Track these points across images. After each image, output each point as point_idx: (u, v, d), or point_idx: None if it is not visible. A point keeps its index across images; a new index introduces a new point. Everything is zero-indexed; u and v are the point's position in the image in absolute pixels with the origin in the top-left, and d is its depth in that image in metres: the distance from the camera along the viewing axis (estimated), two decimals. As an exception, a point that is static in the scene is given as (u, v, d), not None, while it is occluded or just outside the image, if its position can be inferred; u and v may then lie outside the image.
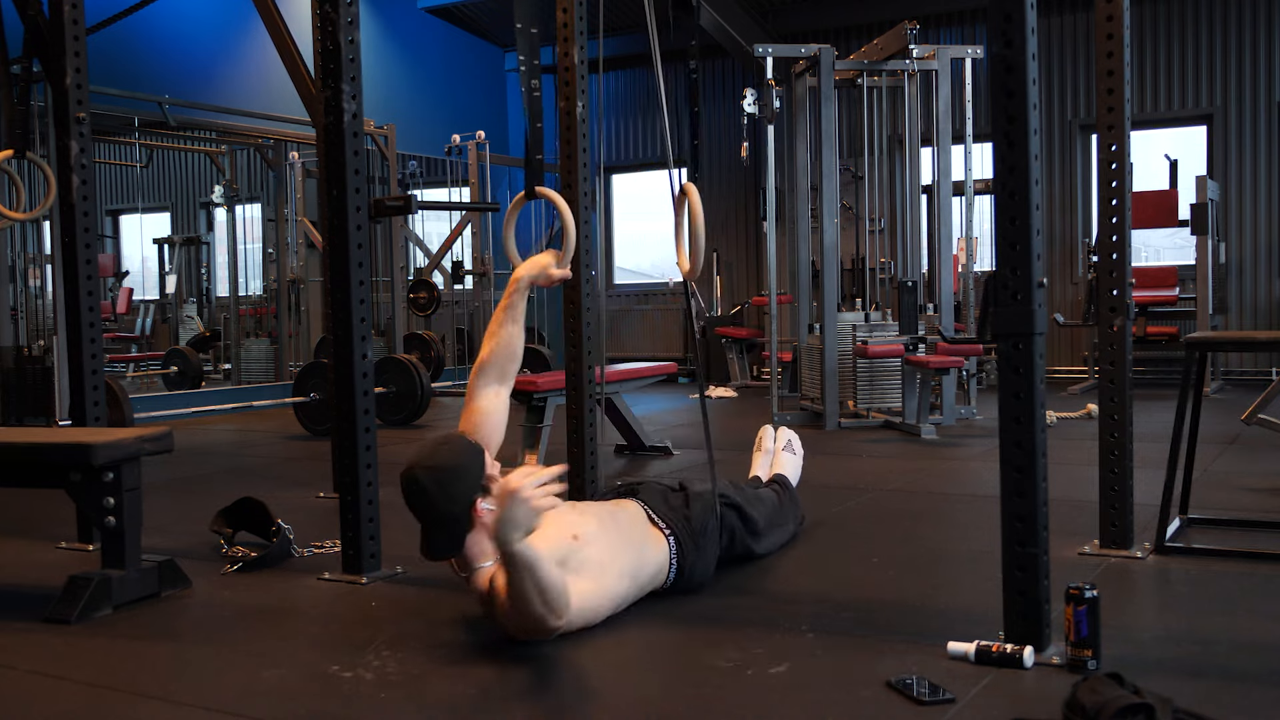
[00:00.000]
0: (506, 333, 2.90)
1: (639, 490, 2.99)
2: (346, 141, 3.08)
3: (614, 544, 2.66)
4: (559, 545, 2.50)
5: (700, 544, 2.90)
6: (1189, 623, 2.61)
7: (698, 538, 2.90)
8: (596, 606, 2.55)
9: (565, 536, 2.54)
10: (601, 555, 2.59)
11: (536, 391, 4.97)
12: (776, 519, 3.34)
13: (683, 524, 2.89)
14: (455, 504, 2.47)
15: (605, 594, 2.58)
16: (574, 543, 2.54)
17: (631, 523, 2.80)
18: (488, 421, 2.84)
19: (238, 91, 9.27)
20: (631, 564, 2.69)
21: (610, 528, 2.70)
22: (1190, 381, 3.28)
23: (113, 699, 2.25)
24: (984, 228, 9.11)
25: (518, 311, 2.92)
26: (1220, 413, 6.38)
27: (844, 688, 2.18)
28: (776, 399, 6.86)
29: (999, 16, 2.27)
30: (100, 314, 3.79)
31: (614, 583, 2.61)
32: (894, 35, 6.73)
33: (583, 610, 2.49)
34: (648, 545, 2.79)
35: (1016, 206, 2.26)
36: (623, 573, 2.65)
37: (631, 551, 2.71)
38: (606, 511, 2.79)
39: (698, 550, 2.89)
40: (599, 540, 2.61)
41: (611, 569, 2.61)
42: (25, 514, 4.29)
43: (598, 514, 2.74)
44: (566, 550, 2.51)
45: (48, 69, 3.75)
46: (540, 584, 2.29)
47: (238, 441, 6.83)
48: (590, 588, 2.52)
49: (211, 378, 10.16)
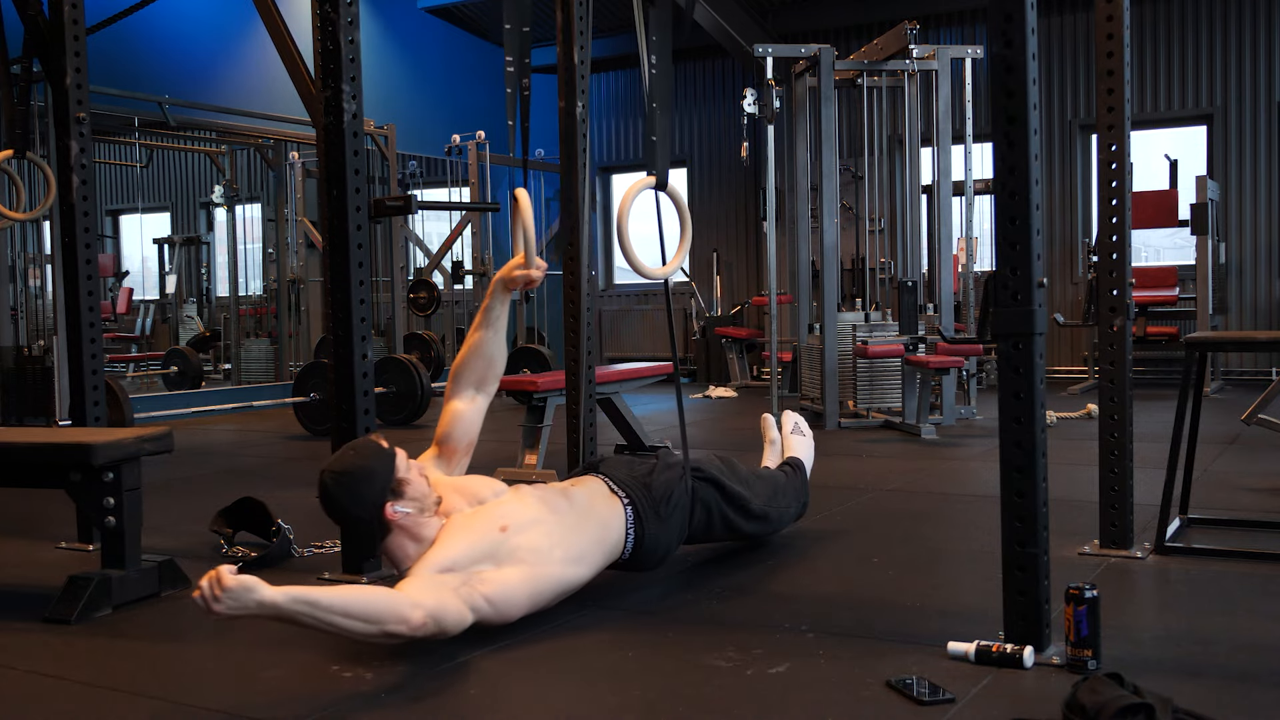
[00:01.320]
0: (480, 337, 2.89)
1: (602, 463, 2.99)
2: (346, 141, 3.08)
3: (558, 528, 2.64)
4: (484, 538, 2.52)
5: (662, 513, 2.88)
6: (1189, 623, 2.60)
7: (659, 506, 2.87)
8: (534, 591, 2.55)
9: (493, 530, 2.54)
10: (538, 541, 2.58)
11: (536, 391, 4.96)
12: (777, 500, 3.31)
13: (642, 492, 2.87)
14: (361, 508, 2.51)
15: (543, 579, 2.57)
16: (500, 534, 2.54)
17: (590, 499, 2.79)
18: (459, 425, 2.86)
19: (238, 91, 9.27)
20: (581, 546, 2.69)
21: (558, 510, 2.68)
22: (1190, 381, 3.28)
23: (113, 699, 2.25)
24: (984, 228, 9.11)
25: (492, 315, 2.88)
26: (1220, 413, 6.38)
27: (844, 688, 2.18)
28: (776, 399, 6.86)
29: (999, 16, 2.27)
30: (100, 314, 3.79)
31: (556, 569, 2.61)
32: (894, 35, 6.73)
33: (511, 599, 2.50)
34: (607, 519, 2.78)
35: (1016, 206, 2.26)
36: (569, 558, 2.64)
37: (582, 533, 2.70)
38: (558, 493, 2.77)
39: (659, 520, 2.87)
40: (536, 527, 2.60)
41: (553, 554, 2.60)
42: (25, 514, 4.29)
43: (544, 498, 2.72)
44: (493, 543, 2.52)
45: (48, 69, 3.75)
46: (331, 619, 2.21)
47: (238, 441, 6.83)
48: (519, 575, 2.52)
49: (211, 378, 10.17)
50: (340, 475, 2.51)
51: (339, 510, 2.56)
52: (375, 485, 2.51)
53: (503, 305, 2.90)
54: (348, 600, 2.25)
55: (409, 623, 2.28)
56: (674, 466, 3.00)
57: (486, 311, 2.89)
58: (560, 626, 2.64)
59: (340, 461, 2.54)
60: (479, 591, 2.45)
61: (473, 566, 2.49)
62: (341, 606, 2.22)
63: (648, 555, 2.88)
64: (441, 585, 2.40)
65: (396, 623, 2.27)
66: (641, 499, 2.86)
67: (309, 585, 2.25)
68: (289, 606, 2.16)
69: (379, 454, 2.55)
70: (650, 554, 2.89)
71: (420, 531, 2.57)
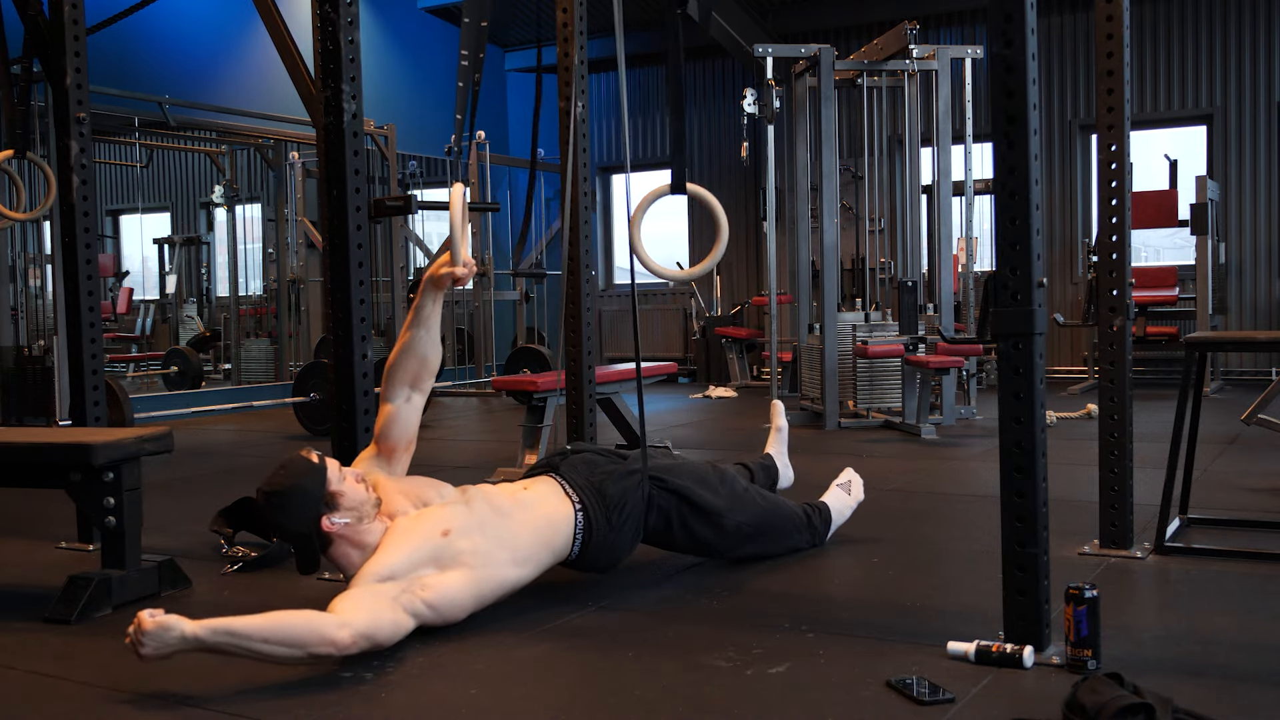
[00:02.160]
0: (411, 336, 2.85)
1: (563, 462, 2.98)
2: (346, 141, 3.08)
3: (504, 530, 2.68)
4: (426, 543, 2.56)
5: (614, 521, 2.88)
6: (1189, 623, 2.61)
7: (611, 514, 2.88)
8: (478, 594, 2.60)
9: (435, 534, 2.58)
10: (482, 545, 2.62)
11: (536, 391, 4.96)
12: (771, 523, 3.21)
13: (595, 498, 2.87)
14: (296, 524, 2.57)
15: (486, 582, 2.61)
16: (443, 539, 2.57)
17: (539, 501, 2.81)
18: (395, 425, 2.85)
19: (238, 91, 9.27)
20: (527, 549, 2.72)
21: (504, 513, 2.71)
22: (1190, 381, 3.28)
23: (113, 699, 2.25)
24: (984, 228, 9.11)
25: (423, 314, 2.83)
26: (1220, 413, 6.38)
27: (844, 688, 2.18)
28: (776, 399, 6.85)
29: (999, 16, 2.27)
30: (100, 314, 3.79)
31: (500, 571, 2.64)
32: (894, 35, 6.73)
33: (454, 602, 2.55)
34: (555, 522, 2.80)
35: (1016, 206, 2.26)
36: (515, 560, 2.68)
37: (527, 535, 2.73)
38: (507, 495, 2.80)
39: (610, 527, 2.87)
40: (481, 530, 2.64)
41: (497, 556, 2.64)
42: (25, 514, 4.29)
43: (491, 500, 2.74)
44: (435, 548, 2.56)
45: (48, 69, 3.75)
46: (253, 647, 2.26)
47: (238, 441, 6.83)
48: (462, 579, 2.56)
49: (211, 378, 10.17)
50: (272, 495, 2.57)
51: (277, 528, 2.63)
52: (309, 500, 2.56)
53: (434, 303, 2.84)
54: (269, 627, 2.27)
55: (336, 644, 2.31)
56: (636, 473, 2.97)
57: (417, 310, 2.85)
58: (560, 626, 2.64)
59: (273, 481, 2.59)
60: (420, 597, 2.49)
61: (414, 572, 2.52)
62: (262, 633, 2.26)
63: (594, 558, 2.90)
64: (379, 596, 2.44)
65: (321, 645, 2.30)
66: (594, 504, 2.87)
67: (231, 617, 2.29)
68: (210, 639, 2.23)
69: (309, 470, 2.59)
70: (597, 558, 2.90)
71: (362, 539, 2.61)
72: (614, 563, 3.00)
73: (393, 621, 2.42)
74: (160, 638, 2.19)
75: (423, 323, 2.84)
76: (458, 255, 2.77)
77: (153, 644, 2.19)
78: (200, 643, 2.22)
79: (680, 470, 3.09)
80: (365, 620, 2.36)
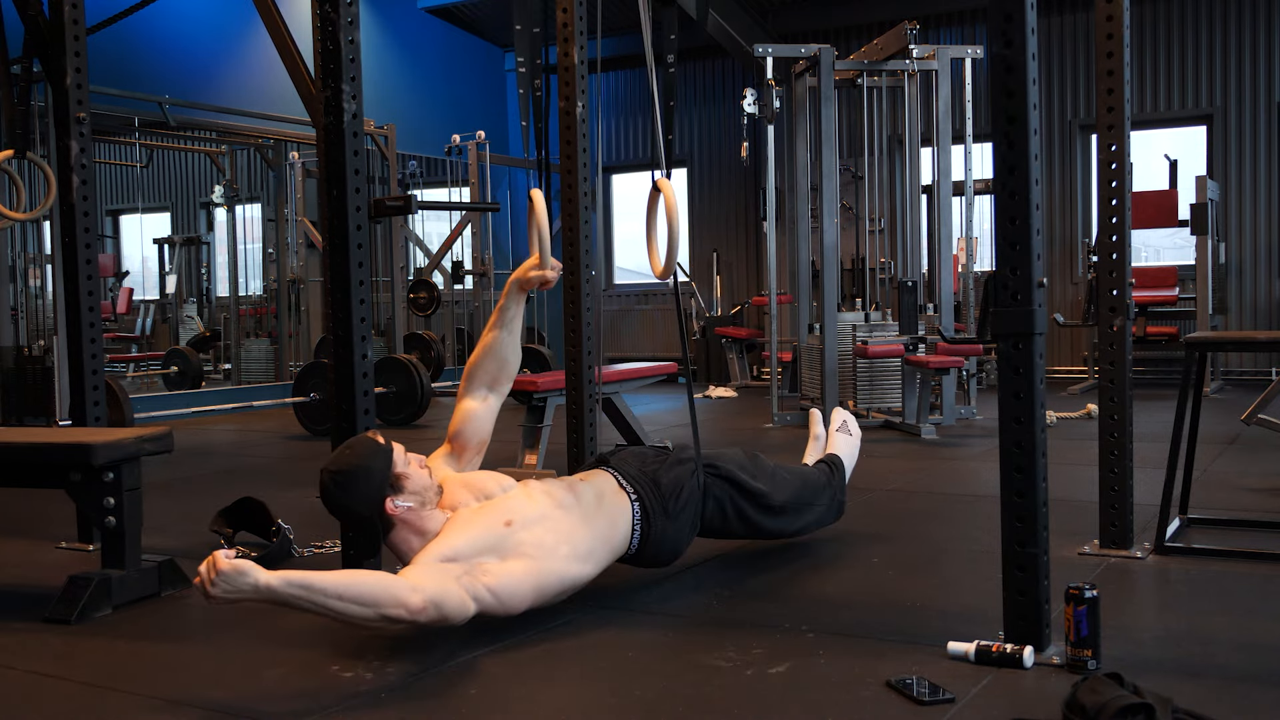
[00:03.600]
0: (493, 337, 2.93)
1: (614, 456, 2.99)
2: (346, 141, 3.07)
3: (564, 524, 2.65)
4: (489, 533, 2.54)
5: (670, 510, 2.86)
6: (1189, 623, 2.60)
7: (667, 503, 2.86)
8: (538, 586, 2.55)
9: (497, 524, 2.56)
10: (543, 538, 2.59)
11: (536, 391, 4.96)
12: (804, 496, 3.24)
13: (650, 488, 2.86)
14: (360, 505, 2.56)
15: (547, 574, 2.57)
16: (505, 529, 2.55)
17: (597, 495, 2.78)
18: (470, 423, 2.90)
19: (238, 91, 9.27)
20: (588, 543, 2.68)
21: (565, 506, 2.68)
22: (1190, 381, 3.28)
23: (113, 699, 2.25)
24: (984, 228, 9.11)
25: (506, 316, 2.93)
26: (1220, 413, 6.38)
27: (844, 688, 2.18)
28: (776, 399, 6.86)
29: (999, 16, 2.27)
30: (100, 314, 3.79)
31: (560, 564, 2.60)
32: (894, 35, 6.73)
33: (515, 590, 2.50)
34: (614, 516, 2.77)
35: (1016, 206, 2.26)
36: (576, 555, 2.64)
37: (588, 529, 2.70)
38: (565, 488, 2.77)
39: (667, 517, 2.85)
40: (542, 523, 2.61)
41: (558, 550, 2.61)
42: (25, 514, 4.29)
43: (551, 494, 2.71)
44: (497, 537, 2.54)
45: (48, 69, 3.74)
46: (327, 603, 2.22)
47: (238, 441, 6.83)
48: (523, 569, 2.52)
49: (211, 378, 10.16)
50: (338, 474, 2.54)
51: (341, 509, 2.60)
52: (374, 482, 2.54)
53: (517, 306, 2.94)
54: (344, 583, 2.24)
55: (408, 606, 2.28)
56: (686, 462, 2.97)
57: (501, 312, 2.93)
58: (560, 626, 2.64)
59: (338, 460, 2.56)
60: (482, 582, 2.45)
61: (476, 558, 2.49)
62: (336, 590, 2.22)
63: (655, 551, 2.87)
64: (445, 573, 2.41)
65: (395, 606, 2.27)
66: (650, 495, 2.85)
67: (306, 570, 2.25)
68: (284, 590, 2.17)
69: (376, 451, 2.57)
70: (658, 550, 2.87)
71: (424, 525, 2.59)
72: (675, 554, 2.94)
73: (459, 599, 2.39)
74: (234, 581, 2.12)
75: (505, 325, 2.91)
76: (546, 258, 2.87)
77: (225, 586, 2.11)
78: (273, 593, 2.16)
79: (726, 457, 3.10)
80: (435, 589, 2.34)
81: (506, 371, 2.96)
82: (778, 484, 3.17)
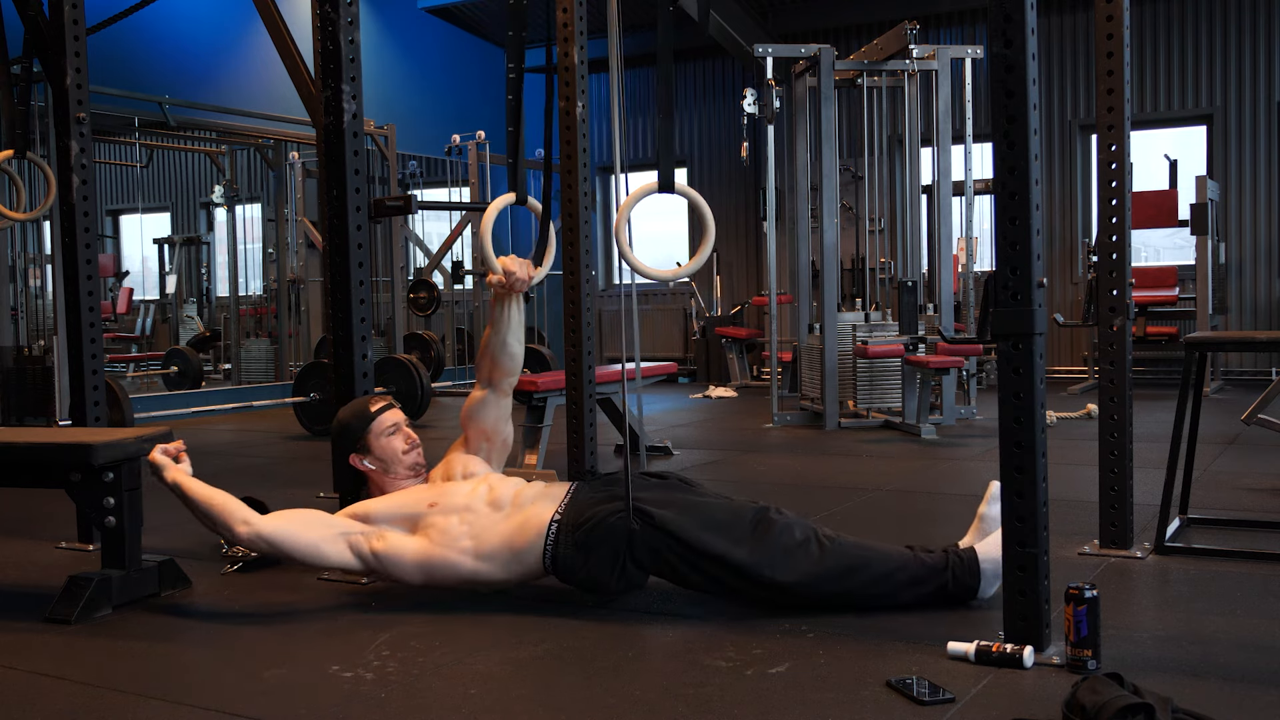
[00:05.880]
0: (484, 336, 3.12)
1: (598, 478, 3.05)
2: (346, 141, 3.08)
3: (481, 521, 2.79)
4: (407, 507, 2.84)
5: (580, 541, 2.71)
6: (1189, 623, 2.60)
7: (577, 533, 2.71)
8: (426, 567, 2.77)
9: (422, 503, 2.84)
10: (453, 527, 2.78)
11: (536, 391, 4.96)
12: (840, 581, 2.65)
13: (574, 515, 2.74)
14: (336, 452, 3.04)
15: (439, 560, 2.77)
16: (426, 509, 2.82)
17: (530, 503, 2.82)
18: (475, 410, 3.11)
19: (238, 91, 9.27)
20: (493, 545, 2.76)
21: (498, 507, 2.82)
22: (1190, 381, 3.28)
23: (113, 699, 2.25)
24: (984, 228, 9.11)
25: (492, 316, 3.09)
26: (1220, 413, 6.38)
27: (844, 688, 2.18)
28: (776, 399, 6.86)
29: (999, 16, 2.27)
30: (100, 314, 3.79)
31: (457, 555, 2.77)
32: (894, 35, 6.73)
33: (397, 562, 2.78)
34: (527, 527, 2.76)
35: (1016, 206, 2.26)
36: (478, 552, 2.76)
37: (496, 533, 2.77)
38: (511, 490, 2.87)
39: (575, 546, 2.71)
40: (460, 514, 2.79)
41: (460, 543, 2.77)
42: (25, 514, 4.29)
43: (492, 492, 2.86)
44: (416, 513, 2.83)
45: (48, 69, 3.75)
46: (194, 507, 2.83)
47: (238, 441, 6.83)
48: (416, 547, 2.78)
49: (211, 378, 10.17)
50: (334, 422, 3.05)
51: (332, 449, 3.07)
52: (348, 438, 3.00)
53: (501, 307, 3.07)
54: (208, 500, 2.82)
55: (233, 533, 2.80)
56: (614, 500, 2.75)
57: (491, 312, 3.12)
58: (560, 627, 2.64)
59: (341, 410, 3.06)
60: (371, 545, 2.79)
61: (385, 524, 2.81)
62: (204, 505, 2.82)
63: (567, 576, 2.76)
64: (326, 525, 2.81)
65: (226, 529, 2.80)
66: (570, 520, 2.75)
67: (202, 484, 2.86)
68: (174, 490, 2.86)
69: (360, 414, 3.00)
70: (569, 576, 2.76)
71: (384, 486, 2.97)
72: (593, 587, 2.77)
73: (314, 545, 2.78)
74: (158, 471, 2.87)
75: (492, 324, 3.10)
76: (490, 262, 3.01)
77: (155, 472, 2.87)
78: (173, 490, 2.85)
79: (686, 507, 2.74)
80: (273, 529, 2.78)
81: (500, 369, 3.09)
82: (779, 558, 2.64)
